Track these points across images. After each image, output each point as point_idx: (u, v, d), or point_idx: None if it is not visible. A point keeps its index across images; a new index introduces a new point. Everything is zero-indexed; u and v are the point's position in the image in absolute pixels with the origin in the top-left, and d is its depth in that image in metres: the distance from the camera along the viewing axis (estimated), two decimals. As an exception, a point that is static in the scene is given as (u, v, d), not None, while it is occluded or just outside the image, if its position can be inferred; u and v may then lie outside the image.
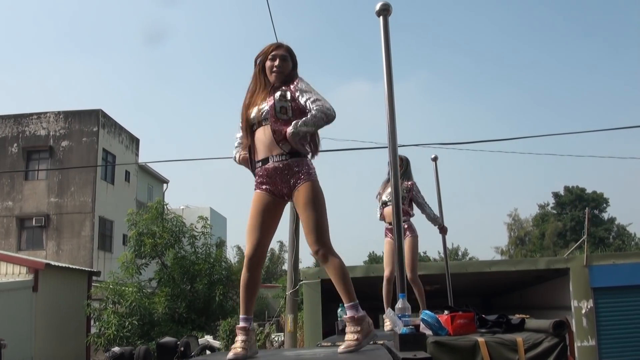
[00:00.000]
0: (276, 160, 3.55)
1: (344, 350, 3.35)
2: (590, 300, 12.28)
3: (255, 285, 3.61)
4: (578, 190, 47.08)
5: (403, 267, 3.52)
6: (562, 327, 3.83)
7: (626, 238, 44.22)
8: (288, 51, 3.81)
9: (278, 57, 3.73)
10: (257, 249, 3.56)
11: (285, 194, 3.59)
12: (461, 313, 4.13)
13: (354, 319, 3.44)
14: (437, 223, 6.96)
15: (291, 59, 3.80)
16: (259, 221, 3.59)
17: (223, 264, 17.46)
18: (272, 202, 3.63)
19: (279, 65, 3.71)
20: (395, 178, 3.57)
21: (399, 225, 3.53)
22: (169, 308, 16.04)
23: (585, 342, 12.11)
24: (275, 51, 3.76)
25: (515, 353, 3.66)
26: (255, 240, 3.56)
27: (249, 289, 3.57)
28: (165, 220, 17.13)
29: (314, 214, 3.48)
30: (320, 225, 3.48)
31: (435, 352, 3.50)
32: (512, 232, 49.62)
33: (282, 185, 3.57)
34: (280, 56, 3.74)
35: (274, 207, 3.64)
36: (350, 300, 3.49)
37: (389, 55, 3.61)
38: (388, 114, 3.56)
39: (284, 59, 3.74)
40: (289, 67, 3.77)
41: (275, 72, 3.71)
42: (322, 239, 3.47)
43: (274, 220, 3.68)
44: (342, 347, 3.38)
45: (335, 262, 3.49)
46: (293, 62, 3.82)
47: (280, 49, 3.78)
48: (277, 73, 3.71)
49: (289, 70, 3.76)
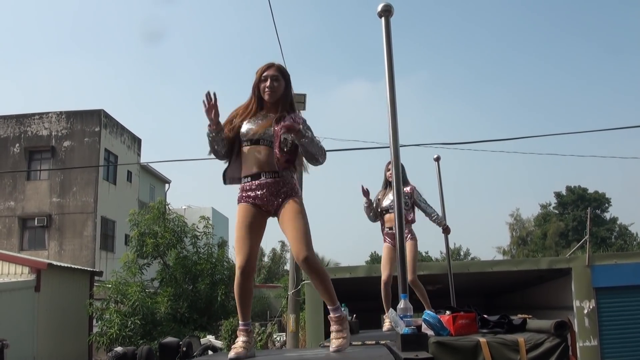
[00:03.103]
0: (269, 176, 3.73)
1: (336, 349, 3.56)
2: (592, 300, 12.27)
3: (250, 293, 3.78)
4: (580, 190, 47.04)
5: (405, 268, 3.52)
6: (564, 328, 3.83)
7: (628, 238, 44.18)
8: (279, 70, 3.92)
9: (269, 78, 3.86)
10: (248, 259, 3.69)
11: (272, 209, 3.77)
12: (463, 313, 4.14)
13: (340, 319, 3.68)
14: (441, 224, 6.98)
15: (283, 77, 3.91)
16: (248, 232, 3.73)
17: (225, 264, 17.44)
18: (259, 214, 3.78)
19: (271, 86, 3.85)
20: (397, 179, 3.57)
21: (400, 228, 3.53)
22: (171, 308, 16.05)
23: (587, 342, 12.10)
24: (267, 72, 3.88)
25: (517, 353, 3.66)
26: (247, 251, 3.69)
27: (244, 297, 3.74)
28: (167, 220, 17.14)
29: (303, 225, 3.66)
30: (307, 236, 3.64)
31: (437, 352, 3.51)
32: (514, 232, 49.57)
33: (271, 200, 3.73)
34: (272, 76, 3.86)
35: (260, 219, 3.80)
36: (334, 303, 3.69)
37: (390, 56, 3.62)
38: (390, 115, 3.57)
39: (275, 79, 3.87)
40: (282, 87, 3.90)
41: (268, 93, 3.85)
42: (310, 248, 3.62)
43: (260, 231, 3.83)
44: (334, 347, 3.59)
45: (321, 269, 3.70)
46: (285, 79, 3.93)
47: (271, 69, 3.89)
48: (270, 93, 3.85)
49: (282, 89, 3.90)
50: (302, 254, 3.58)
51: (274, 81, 3.84)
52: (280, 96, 3.87)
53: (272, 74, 3.86)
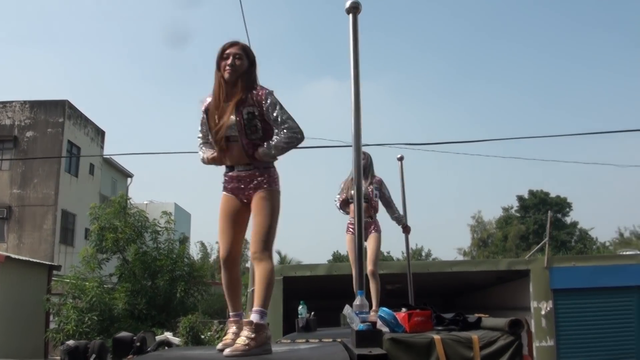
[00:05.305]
0: (242, 169, 3.66)
1: (230, 354, 3.32)
2: (549, 301, 12.46)
3: (237, 283, 3.75)
4: (542, 194, 47.73)
5: (362, 264, 3.52)
6: (518, 326, 3.87)
7: (588, 242, 44.93)
8: (243, 49, 3.77)
9: (231, 55, 3.70)
10: (230, 249, 3.66)
11: (247, 200, 3.67)
12: (419, 311, 4.16)
13: (257, 325, 3.41)
14: (401, 222, 7.00)
15: (247, 57, 3.75)
16: (229, 223, 3.68)
17: (185, 260, 17.29)
18: (240, 204, 3.70)
19: (232, 64, 3.68)
20: (358, 176, 3.56)
21: (359, 222, 3.53)
22: (129, 304, 15.82)
23: (544, 342, 12.28)
24: (229, 49, 3.73)
25: (471, 350, 3.69)
26: (228, 242, 3.66)
27: (232, 288, 3.71)
28: (128, 215, 16.92)
29: (267, 220, 3.57)
30: (269, 231, 3.56)
31: (391, 348, 3.51)
32: (475, 233, 50.09)
33: (246, 192, 3.65)
34: (234, 54, 3.70)
35: (241, 209, 3.71)
36: (262, 306, 3.49)
37: (357, 53, 3.61)
38: (354, 112, 3.56)
39: (238, 57, 3.70)
40: (244, 65, 3.72)
41: (228, 70, 3.67)
42: (267, 244, 3.54)
43: (243, 221, 3.74)
44: (229, 350, 3.34)
45: (268, 266, 3.53)
46: (250, 60, 3.77)
47: (234, 47, 3.74)
48: (231, 71, 3.67)
49: (244, 68, 3.72)
50: (255, 247, 3.53)
51: (236, 59, 3.68)
52: (240, 75, 3.68)
53: (235, 51, 3.70)
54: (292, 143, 3.62)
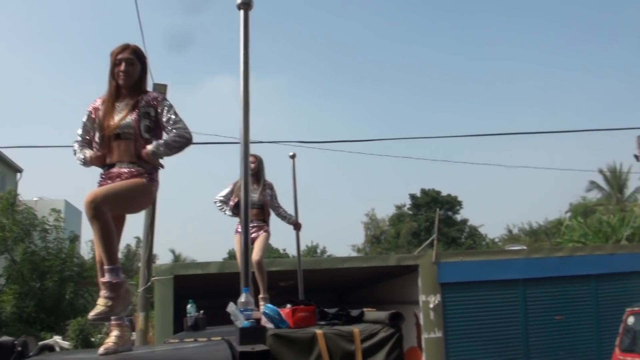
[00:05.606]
0: (124, 166, 3.59)
1: (93, 317, 3.24)
2: (437, 294, 12.97)
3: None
4: (434, 192, 49.16)
5: (247, 262, 3.54)
6: (398, 318, 4.00)
7: (477, 238, 46.72)
8: (135, 53, 3.75)
9: (124, 61, 3.68)
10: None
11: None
12: (302, 306, 4.22)
13: (110, 284, 3.30)
14: (290, 220, 7.16)
15: (139, 60, 3.76)
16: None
17: (75, 260, 16.76)
18: None
19: (125, 70, 3.67)
20: (245, 174, 3.56)
21: (246, 220, 3.54)
22: (17, 307, 15.18)
23: (432, 334, 12.77)
24: (121, 54, 3.70)
25: (352, 343, 3.77)
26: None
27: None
28: (16, 212, 16.20)
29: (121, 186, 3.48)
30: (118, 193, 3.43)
31: (274, 345, 3.54)
32: (369, 230, 51.13)
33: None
34: (126, 60, 3.69)
35: None
36: (111, 263, 3.32)
37: (247, 50, 3.60)
38: (242, 108, 3.54)
39: (130, 62, 3.70)
40: (137, 70, 3.75)
41: (123, 77, 3.68)
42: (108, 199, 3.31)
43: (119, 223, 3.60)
44: (92, 314, 3.24)
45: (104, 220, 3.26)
46: (141, 62, 3.78)
47: (126, 52, 3.72)
48: (125, 77, 3.68)
49: (137, 73, 3.74)
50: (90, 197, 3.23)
51: (128, 65, 3.68)
52: (134, 79, 3.72)
53: (127, 57, 3.69)
54: (181, 142, 3.64)
